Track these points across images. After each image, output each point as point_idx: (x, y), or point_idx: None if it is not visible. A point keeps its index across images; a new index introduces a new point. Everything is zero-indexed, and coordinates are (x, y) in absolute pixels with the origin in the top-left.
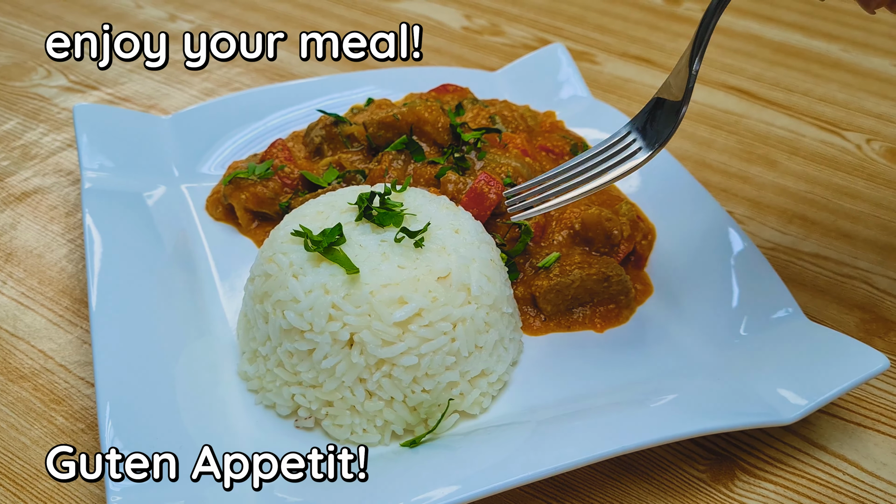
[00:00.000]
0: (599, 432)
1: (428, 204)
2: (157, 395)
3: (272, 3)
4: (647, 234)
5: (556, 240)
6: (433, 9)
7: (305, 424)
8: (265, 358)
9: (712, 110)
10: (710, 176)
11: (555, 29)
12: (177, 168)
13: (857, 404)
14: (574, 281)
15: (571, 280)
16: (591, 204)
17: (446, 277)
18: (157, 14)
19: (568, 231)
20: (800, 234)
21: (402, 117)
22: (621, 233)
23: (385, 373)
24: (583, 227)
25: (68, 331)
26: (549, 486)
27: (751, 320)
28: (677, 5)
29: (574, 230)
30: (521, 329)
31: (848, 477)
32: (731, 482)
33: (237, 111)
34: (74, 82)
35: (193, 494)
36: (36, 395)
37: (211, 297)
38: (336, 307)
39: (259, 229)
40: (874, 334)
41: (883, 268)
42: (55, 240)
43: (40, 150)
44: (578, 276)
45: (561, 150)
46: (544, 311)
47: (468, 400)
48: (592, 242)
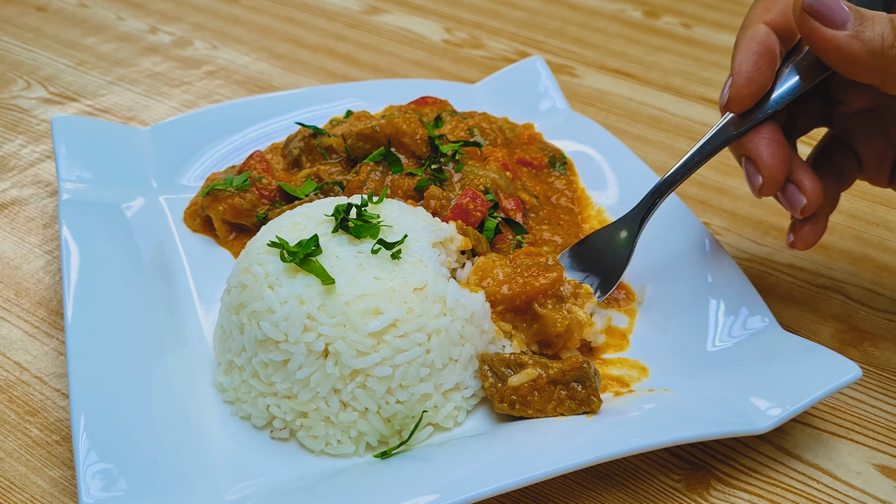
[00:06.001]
0: (575, 442)
1: (405, 216)
2: (133, 406)
3: (253, 15)
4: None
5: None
6: (414, 22)
7: (280, 435)
8: (241, 369)
9: (689, 122)
10: (688, 188)
11: (535, 42)
12: (155, 180)
13: (832, 414)
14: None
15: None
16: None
17: (422, 289)
18: (137, 26)
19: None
20: (776, 245)
21: (381, 129)
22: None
23: (359, 383)
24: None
25: (44, 342)
26: (524, 495)
27: (726, 330)
28: (656, 19)
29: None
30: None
31: (822, 486)
32: (706, 491)
33: (216, 123)
34: (54, 94)
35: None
36: (10, 406)
37: (188, 309)
38: (311, 318)
39: (237, 241)
40: (848, 344)
41: (857, 278)
42: (32, 251)
43: (19, 162)
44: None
45: (539, 162)
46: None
47: (442, 413)
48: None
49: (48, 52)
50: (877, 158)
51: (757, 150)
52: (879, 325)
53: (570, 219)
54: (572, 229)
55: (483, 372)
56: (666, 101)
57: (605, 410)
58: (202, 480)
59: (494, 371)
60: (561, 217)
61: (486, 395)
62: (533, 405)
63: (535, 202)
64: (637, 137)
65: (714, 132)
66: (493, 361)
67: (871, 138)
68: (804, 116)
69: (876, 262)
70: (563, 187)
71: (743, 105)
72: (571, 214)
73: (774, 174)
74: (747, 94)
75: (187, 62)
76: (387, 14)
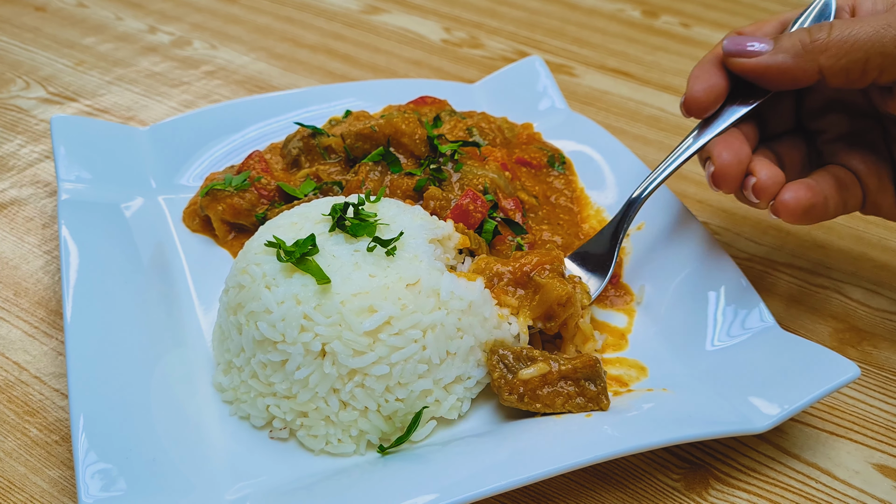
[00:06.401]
0: (574, 441)
1: (402, 214)
2: (132, 406)
3: (252, 15)
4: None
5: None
6: (413, 21)
7: (280, 435)
8: (239, 369)
9: (688, 122)
10: (687, 187)
11: (534, 42)
12: (154, 179)
13: (831, 413)
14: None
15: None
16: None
17: (415, 284)
18: (136, 26)
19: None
20: (774, 244)
21: (380, 129)
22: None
23: (358, 383)
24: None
25: (43, 342)
26: (524, 495)
27: (725, 330)
28: (655, 19)
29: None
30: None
31: (820, 485)
32: (705, 491)
33: (215, 123)
34: (53, 94)
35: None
36: (10, 406)
37: (187, 309)
38: (307, 318)
39: (236, 240)
40: (847, 343)
41: (856, 278)
42: (31, 251)
43: (18, 162)
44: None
45: (538, 162)
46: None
47: (444, 406)
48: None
49: (47, 52)
50: (875, 176)
51: (714, 150)
52: (878, 324)
53: (570, 218)
54: (572, 229)
55: (492, 363)
56: (665, 100)
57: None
58: (201, 480)
59: (505, 362)
60: (560, 217)
61: (494, 386)
62: (542, 399)
63: (534, 202)
64: (636, 137)
65: (679, 145)
66: (503, 354)
67: (864, 158)
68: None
69: (875, 261)
70: (562, 187)
71: (698, 104)
72: (571, 214)
73: (725, 164)
74: (700, 91)
75: (186, 62)
76: (386, 14)
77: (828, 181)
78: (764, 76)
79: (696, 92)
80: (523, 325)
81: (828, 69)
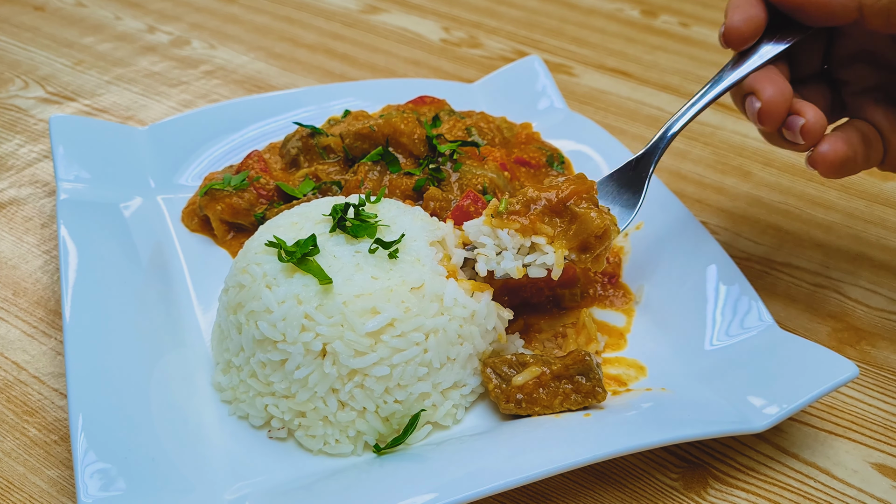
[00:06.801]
0: (573, 441)
1: (402, 215)
2: (131, 406)
3: (251, 14)
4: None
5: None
6: (412, 21)
7: (278, 435)
8: (239, 369)
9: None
10: (685, 187)
11: (533, 41)
12: (153, 179)
13: (829, 412)
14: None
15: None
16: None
17: (419, 288)
18: (135, 25)
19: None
20: (773, 244)
21: (379, 129)
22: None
23: (357, 383)
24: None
25: (42, 342)
26: (523, 494)
27: (723, 329)
28: (654, 18)
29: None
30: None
31: (819, 484)
32: (704, 490)
33: (214, 122)
34: (51, 93)
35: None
36: (9, 406)
37: (186, 309)
38: (309, 317)
39: (235, 240)
40: (846, 343)
41: (854, 277)
42: (30, 251)
43: (16, 162)
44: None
45: (537, 161)
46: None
47: (441, 411)
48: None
49: (46, 52)
50: None
51: (757, 84)
52: (877, 324)
53: None
54: None
55: (486, 375)
56: (664, 100)
57: (603, 409)
58: (200, 480)
59: (497, 372)
60: None
61: (491, 397)
62: (539, 402)
63: None
64: (635, 136)
65: (715, 77)
66: (494, 363)
67: (888, 114)
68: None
69: (874, 261)
70: None
71: (739, 34)
72: None
73: (772, 99)
74: (740, 21)
75: (185, 62)
76: (385, 13)
77: (856, 135)
78: (802, 8)
79: (736, 22)
80: (559, 256)
81: (868, 7)
